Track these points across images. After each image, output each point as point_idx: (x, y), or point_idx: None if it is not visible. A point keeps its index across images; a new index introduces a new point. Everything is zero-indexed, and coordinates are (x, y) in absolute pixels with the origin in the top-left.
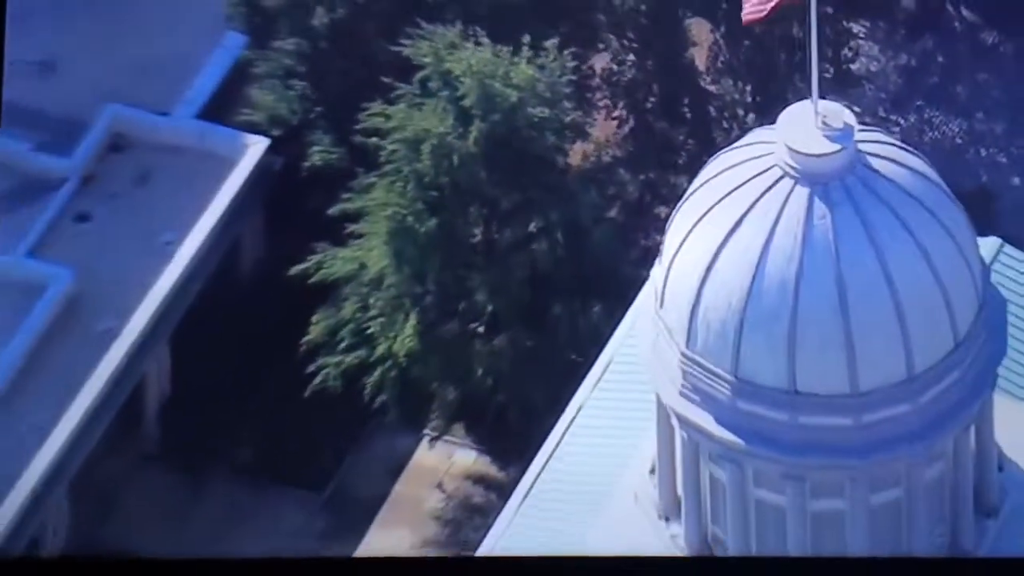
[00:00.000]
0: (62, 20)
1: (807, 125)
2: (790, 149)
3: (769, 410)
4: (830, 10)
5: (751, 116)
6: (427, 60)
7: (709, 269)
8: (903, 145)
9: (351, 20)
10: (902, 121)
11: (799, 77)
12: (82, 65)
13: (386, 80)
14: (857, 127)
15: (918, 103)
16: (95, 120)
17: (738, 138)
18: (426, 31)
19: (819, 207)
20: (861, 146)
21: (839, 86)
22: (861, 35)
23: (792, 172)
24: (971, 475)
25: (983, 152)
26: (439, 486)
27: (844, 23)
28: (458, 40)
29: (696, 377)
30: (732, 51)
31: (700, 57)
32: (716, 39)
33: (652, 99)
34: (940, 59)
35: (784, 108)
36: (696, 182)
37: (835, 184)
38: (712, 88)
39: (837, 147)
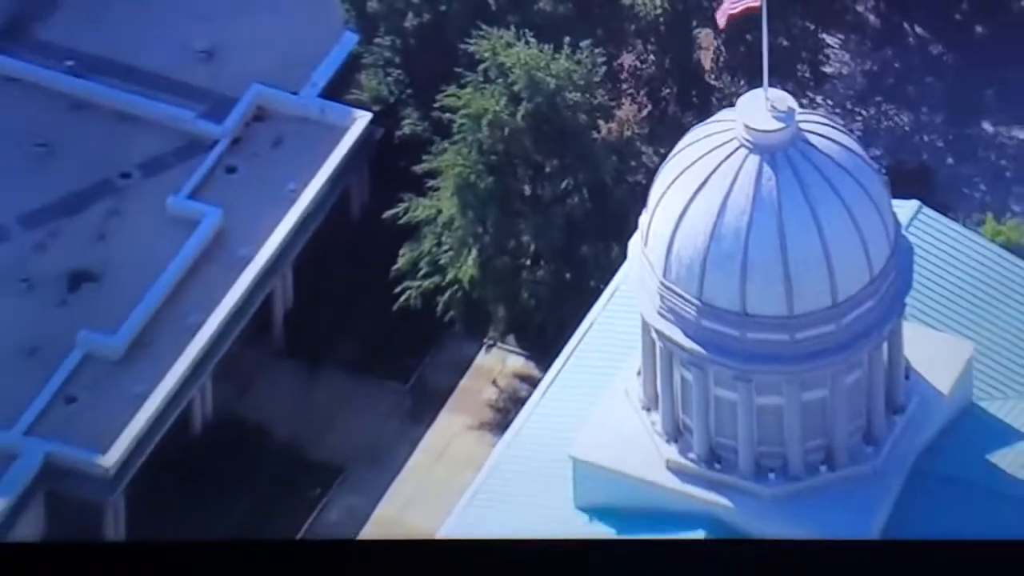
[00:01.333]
0: (219, 19)
1: (760, 108)
2: (746, 126)
3: (725, 327)
4: (811, 25)
5: None
6: (487, 55)
7: (681, 217)
8: (836, 125)
9: (433, 23)
10: (864, 112)
11: (779, 74)
12: (235, 54)
13: (458, 70)
14: (798, 110)
15: (877, 99)
16: (243, 96)
17: None
18: (488, 33)
19: (767, 171)
20: (802, 125)
21: (815, 83)
22: (835, 45)
23: (747, 144)
24: (883, 381)
25: (926, 138)
26: (494, 382)
27: (820, 35)
28: (512, 40)
29: (670, 301)
30: (730, 54)
31: (705, 58)
32: (718, 45)
33: (667, 90)
34: (896, 65)
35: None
36: (675, 149)
37: (780, 154)
38: (715, 83)
39: (782, 125)
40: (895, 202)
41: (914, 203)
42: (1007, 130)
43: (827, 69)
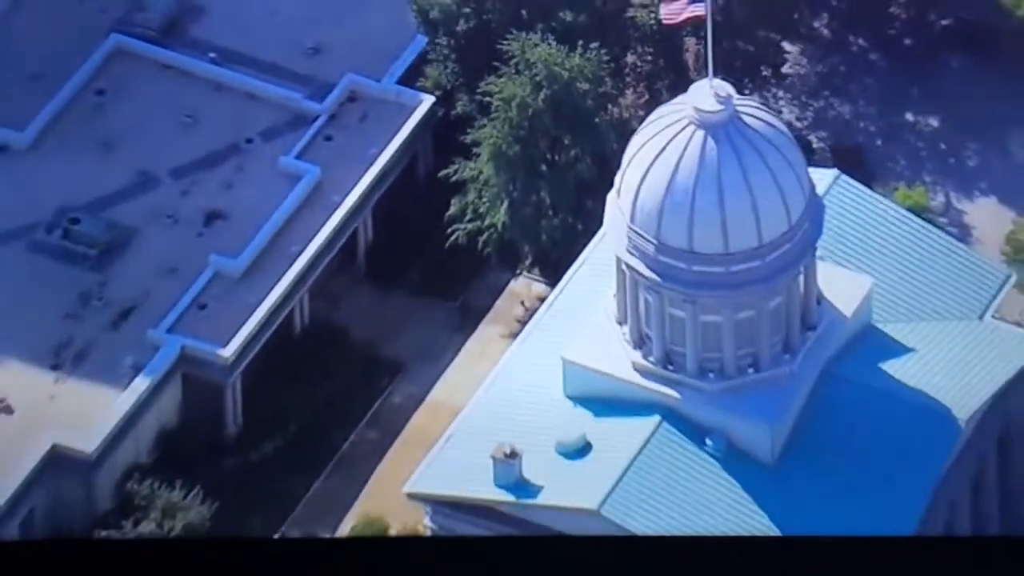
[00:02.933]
0: (323, 25)
1: (706, 94)
2: (695, 108)
3: (676, 261)
4: (774, 35)
5: None
6: (517, 52)
7: (644, 177)
8: (764, 108)
9: (478, 28)
10: (814, 104)
11: (742, 68)
12: (334, 51)
13: (496, 64)
14: (735, 96)
15: (825, 93)
16: (339, 82)
17: None
18: (518, 36)
19: (710, 143)
20: (738, 108)
21: (775, 80)
22: (794, 51)
23: (695, 122)
24: (799, 305)
25: (861, 125)
26: (522, 303)
27: (781, 43)
28: (537, 41)
29: (636, 241)
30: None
31: (690, 59)
32: (699, 48)
33: (661, 83)
34: (841, 68)
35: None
36: (642, 125)
37: (720, 129)
38: (696, 78)
39: (721, 108)
40: (818, 170)
41: (833, 171)
42: (924, 119)
43: (786, 70)
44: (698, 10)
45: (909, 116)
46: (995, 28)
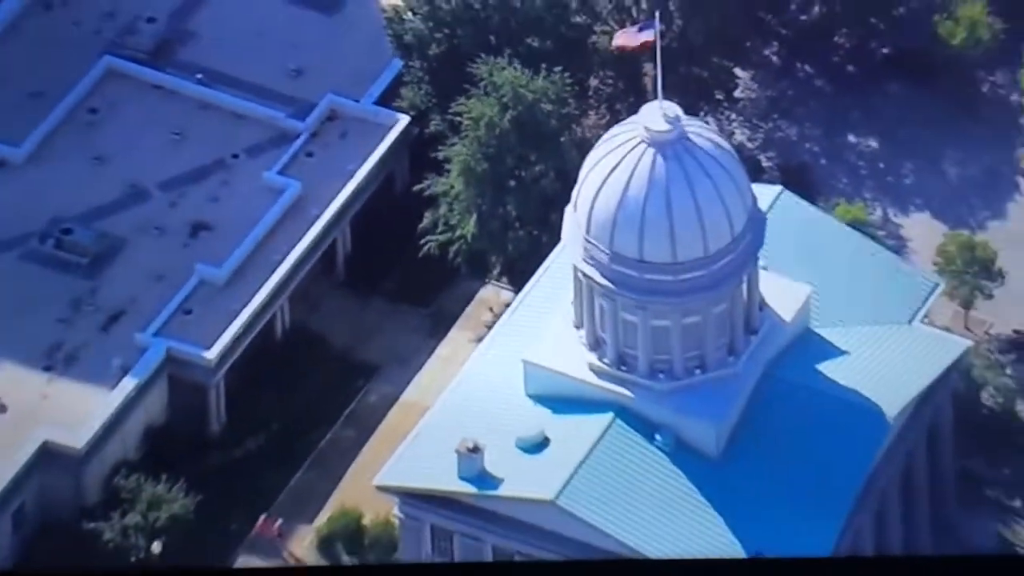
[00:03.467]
0: (305, 49)
1: (656, 115)
2: (645, 128)
3: (628, 270)
4: (728, 63)
5: None
6: (485, 75)
7: (599, 191)
8: (710, 128)
9: (449, 53)
10: (764, 126)
11: (697, 92)
12: (316, 73)
13: (466, 85)
14: (683, 117)
15: (775, 116)
16: (320, 102)
17: None
18: (487, 59)
19: (659, 160)
20: (686, 128)
21: (728, 104)
22: (746, 77)
23: (646, 140)
24: (743, 311)
25: (807, 145)
26: (490, 309)
27: (734, 69)
28: (505, 65)
29: (591, 251)
30: (665, 80)
31: (648, 83)
32: (655, 74)
33: (620, 105)
34: (789, 93)
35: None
36: (597, 144)
37: (668, 148)
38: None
39: (670, 128)
40: (764, 186)
41: (778, 188)
42: (865, 140)
43: (737, 94)
44: (648, 37)
45: (851, 137)
46: (931, 56)
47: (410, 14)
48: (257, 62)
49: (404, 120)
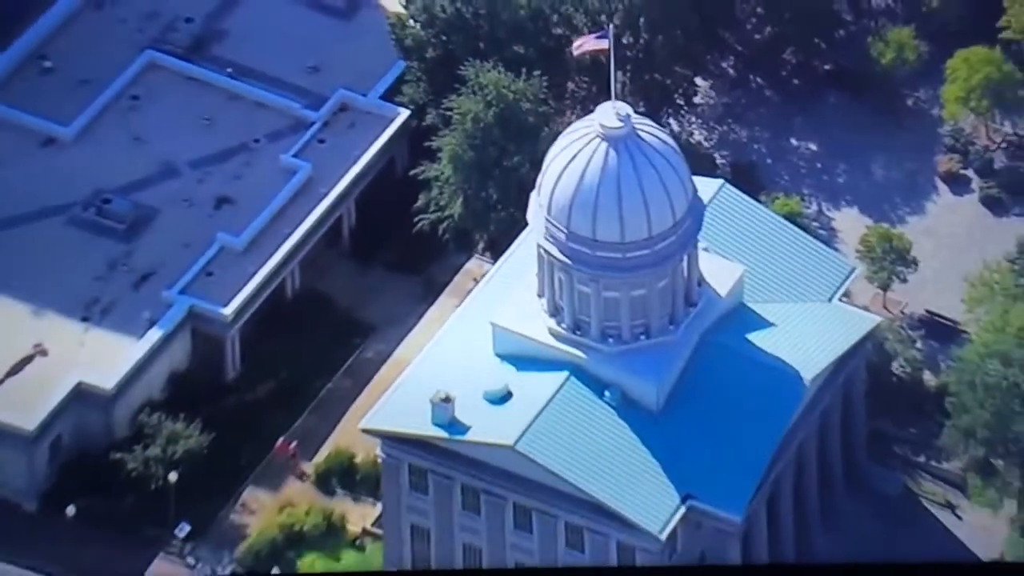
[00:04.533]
0: (322, 48)
1: (610, 113)
2: (600, 124)
3: (582, 247)
4: (688, 72)
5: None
6: (472, 76)
7: (558, 178)
8: (655, 126)
9: (443, 56)
10: (719, 128)
11: (661, 98)
12: (330, 70)
13: (456, 85)
14: (633, 116)
15: (728, 120)
16: (332, 96)
17: None
18: (474, 63)
19: (611, 152)
20: (636, 125)
21: (687, 108)
22: (704, 85)
23: (600, 135)
24: (683, 286)
25: (755, 146)
26: (474, 279)
27: (694, 78)
28: (490, 68)
29: (551, 229)
30: (633, 85)
31: (618, 87)
32: (626, 79)
33: (593, 105)
34: (742, 100)
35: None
36: (559, 137)
37: (620, 142)
38: (624, 101)
39: (621, 124)
40: (708, 179)
41: (719, 181)
42: (805, 144)
43: (697, 100)
44: (602, 44)
45: (793, 141)
46: (865, 73)
47: (411, 22)
48: (279, 59)
49: (404, 113)
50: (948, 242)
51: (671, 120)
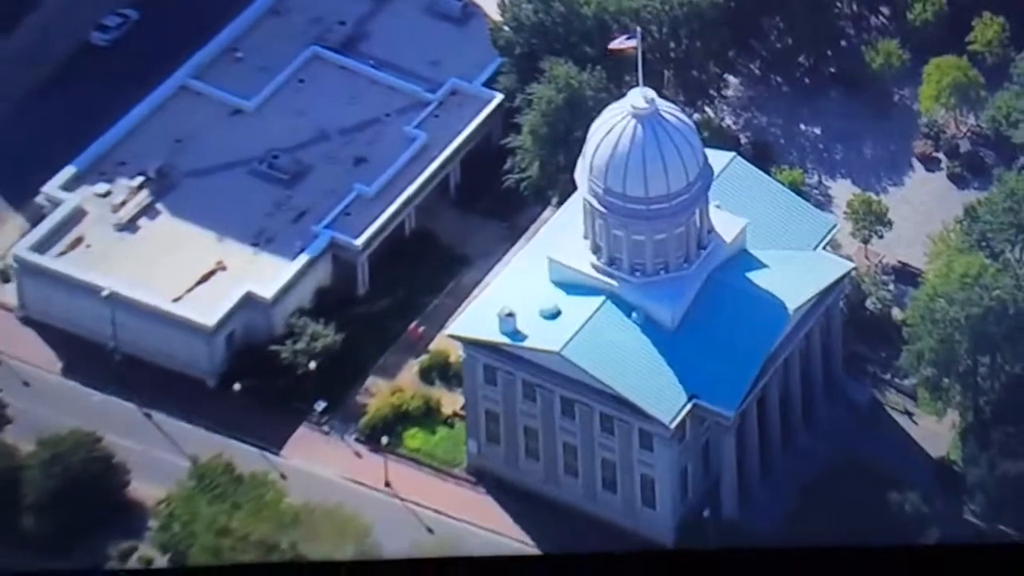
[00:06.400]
0: (442, 48)
1: (638, 97)
2: (631, 106)
3: (616, 200)
4: (722, 72)
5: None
6: (549, 69)
7: (598, 146)
8: (675, 108)
9: (529, 53)
10: (746, 115)
11: (698, 91)
12: (446, 64)
13: (537, 76)
14: (658, 99)
15: (753, 109)
16: (446, 83)
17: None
18: (550, 59)
19: (639, 128)
20: (659, 107)
21: (720, 98)
22: (736, 81)
23: (631, 113)
24: (695, 231)
25: (772, 129)
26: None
27: (723, 75)
28: (562, 64)
29: (593, 187)
30: (676, 81)
31: (665, 80)
32: (669, 75)
33: None
34: (764, 94)
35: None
36: (601, 114)
37: (646, 120)
38: (668, 91)
39: (647, 106)
40: (719, 152)
41: (731, 153)
42: (811, 129)
43: (728, 93)
44: (631, 43)
45: (802, 126)
46: (860, 75)
47: (505, 27)
48: (408, 55)
49: (499, 97)
50: (920, 208)
51: (706, 108)
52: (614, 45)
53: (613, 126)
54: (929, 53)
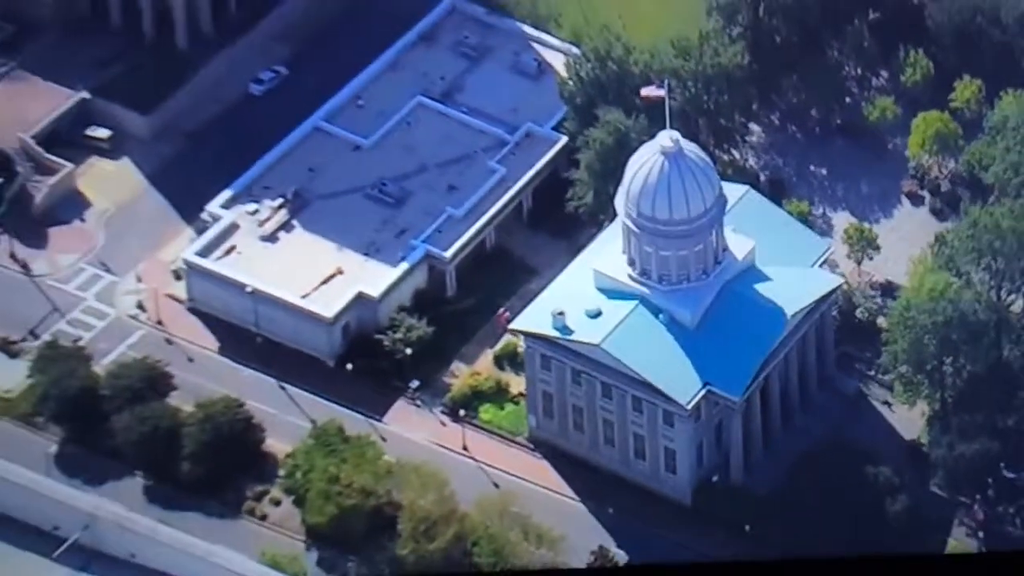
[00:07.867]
0: (519, 96)
1: (666, 138)
2: (660, 145)
3: (647, 222)
4: (746, 121)
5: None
6: (602, 116)
7: (633, 177)
8: (696, 149)
9: (585, 105)
10: (765, 158)
11: (725, 136)
12: (523, 111)
13: (593, 122)
14: (682, 140)
15: (772, 152)
16: (522, 127)
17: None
18: (604, 108)
19: (666, 163)
20: (683, 146)
21: (743, 143)
22: (757, 130)
23: (660, 151)
24: (712, 249)
25: (787, 169)
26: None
27: (747, 124)
28: (612, 112)
29: (629, 210)
30: (707, 127)
31: (700, 127)
32: (705, 121)
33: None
34: (780, 140)
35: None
36: (636, 152)
37: (671, 156)
38: (702, 136)
39: (672, 145)
40: (734, 185)
41: (744, 187)
42: (819, 170)
43: (751, 139)
44: (660, 92)
45: (811, 167)
46: (861, 126)
47: (569, 82)
48: (493, 103)
49: (564, 139)
50: (905, 236)
51: (732, 150)
52: (645, 92)
53: (645, 161)
54: (918, 108)
